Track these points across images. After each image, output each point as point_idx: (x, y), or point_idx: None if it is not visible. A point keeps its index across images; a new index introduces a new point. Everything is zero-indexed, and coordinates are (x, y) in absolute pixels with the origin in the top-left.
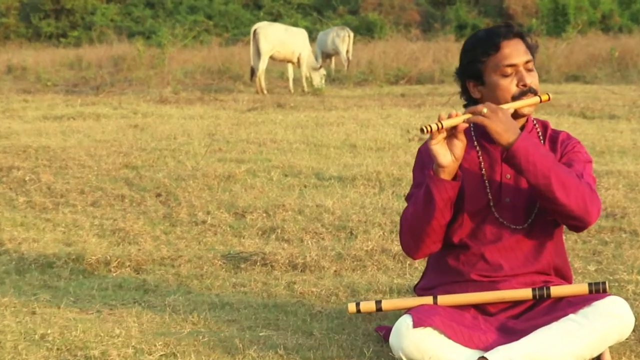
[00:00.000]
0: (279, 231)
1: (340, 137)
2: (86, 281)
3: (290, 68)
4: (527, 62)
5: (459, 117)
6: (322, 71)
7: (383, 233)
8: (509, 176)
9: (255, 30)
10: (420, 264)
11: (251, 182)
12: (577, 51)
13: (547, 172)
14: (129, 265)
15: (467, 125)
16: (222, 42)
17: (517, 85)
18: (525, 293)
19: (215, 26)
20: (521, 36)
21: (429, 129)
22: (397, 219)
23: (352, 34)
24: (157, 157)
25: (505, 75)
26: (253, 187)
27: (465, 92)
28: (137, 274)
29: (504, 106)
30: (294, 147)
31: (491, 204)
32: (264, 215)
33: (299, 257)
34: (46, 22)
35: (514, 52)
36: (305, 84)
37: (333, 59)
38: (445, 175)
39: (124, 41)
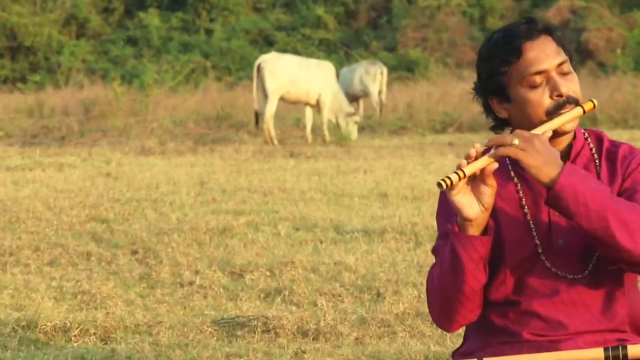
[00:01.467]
0: (286, 293)
1: (367, 185)
2: (39, 352)
3: (308, 112)
4: (561, 64)
5: (483, 159)
6: (356, 117)
7: (418, 294)
8: (558, 213)
9: (259, 65)
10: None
11: (252, 236)
12: None
13: (603, 211)
14: (94, 333)
15: (496, 166)
16: (222, 83)
17: (551, 97)
18: (596, 354)
19: (214, 68)
20: (549, 32)
21: (448, 182)
22: None
23: (385, 71)
24: (133, 209)
25: (534, 86)
26: (254, 243)
27: (489, 112)
28: (105, 343)
29: (538, 130)
30: (307, 197)
31: (539, 250)
32: (268, 274)
33: (310, 321)
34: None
35: (541, 54)
36: (326, 132)
37: (361, 102)
38: (473, 229)
39: (97, 82)
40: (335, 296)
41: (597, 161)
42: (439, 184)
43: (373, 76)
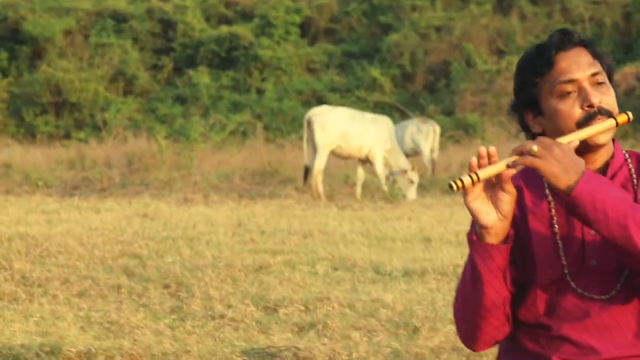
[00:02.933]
0: (320, 327)
1: (411, 230)
2: None
3: (360, 169)
4: (594, 74)
5: (499, 164)
6: (414, 176)
7: (455, 330)
8: (593, 232)
9: (309, 119)
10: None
11: (289, 274)
12: None
13: (623, 219)
14: None
15: (513, 171)
16: (270, 137)
17: (582, 107)
18: None
19: (266, 128)
20: (584, 44)
21: (460, 184)
22: None
23: (438, 129)
24: (168, 247)
25: (565, 96)
26: (291, 280)
27: (525, 128)
28: None
29: (564, 139)
30: (348, 239)
31: (566, 271)
32: (302, 309)
33: (342, 353)
34: (43, 120)
35: (573, 64)
36: (385, 188)
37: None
38: (492, 238)
39: (141, 136)
40: (370, 331)
41: (635, 181)
42: (450, 185)
43: (425, 134)
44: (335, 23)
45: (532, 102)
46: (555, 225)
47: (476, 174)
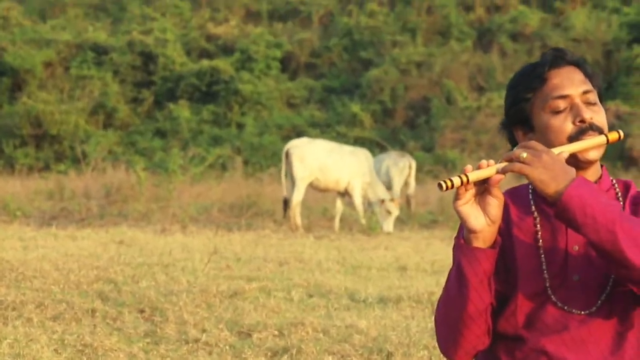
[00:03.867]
0: (294, 352)
1: (387, 259)
2: None
3: (338, 202)
4: (585, 92)
5: (489, 169)
6: (392, 207)
7: (430, 357)
8: (576, 247)
9: (288, 151)
10: None
11: (263, 300)
12: None
13: (611, 225)
14: None
15: (501, 177)
16: (250, 171)
17: (574, 123)
18: None
19: (245, 163)
20: (577, 63)
21: (449, 184)
22: None
23: (414, 164)
24: (143, 272)
25: (557, 112)
26: (265, 306)
27: (514, 146)
28: None
29: (556, 149)
30: (324, 267)
31: (548, 284)
32: (276, 334)
33: None
34: (23, 152)
35: (566, 80)
36: (363, 221)
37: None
38: (479, 242)
39: (120, 168)
40: (344, 356)
41: (621, 204)
42: (440, 185)
43: (401, 169)
44: (315, 58)
45: (523, 118)
46: (540, 240)
47: (466, 175)
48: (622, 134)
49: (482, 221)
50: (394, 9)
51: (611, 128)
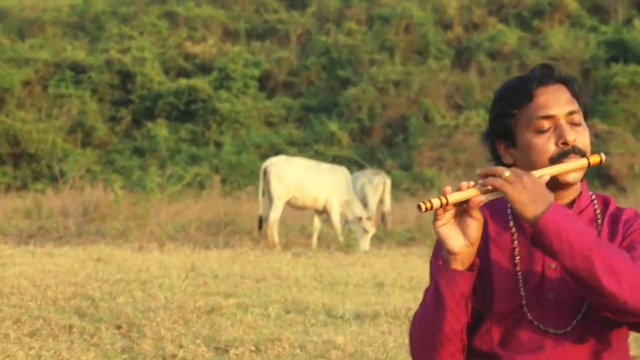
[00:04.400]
0: None
1: (364, 276)
2: None
3: (316, 219)
4: (571, 113)
5: (470, 190)
6: (369, 226)
7: None
8: (553, 265)
9: (266, 169)
10: None
11: (241, 316)
12: None
13: (588, 252)
14: None
15: (482, 198)
16: (227, 190)
17: (556, 144)
18: None
19: (223, 182)
20: (565, 81)
21: (428, 205)
22: None
23: (388, 181)
24: (121, 289)
25: (541, 131)
26: (242, 322)
27: (496, 157)
28: None
29: (537, 172)
30: (301, 284)
31: (524, 302)
32: (253, 349)
33: None
34: (0, 171)
35: (552, 100)
36: (341, 238)
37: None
38: (458, 264)
39: (98, 186)
40: None
41: (599, 221)
42: (419, 206)
43: (375, 186)
44: (294, 77)
45: (506, 132)
46: (517, 257)
47: (445, 197)
48: (603, 157)
49: (461, 243)
50: (371, 27)
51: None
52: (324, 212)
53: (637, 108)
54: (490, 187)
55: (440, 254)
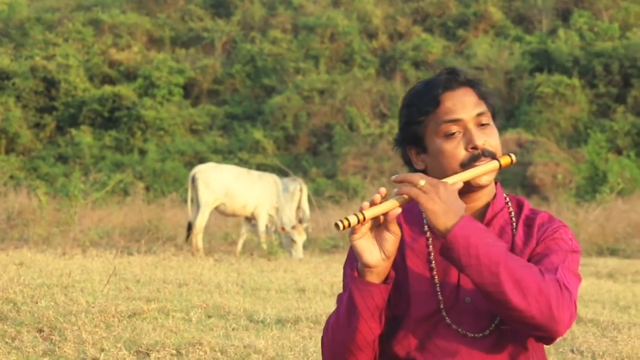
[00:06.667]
0: None
1: (285, 281)
2: None
3: (244, 226)
4: (479, 115)
5: (386, 203)
6: (295, 234)
7: None
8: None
9: (194, 176)
10: None
11: (162, 321)
12: (615, 217)
13: (495, 267)
14: None
15: (399, 211)
16: (151, 197)
17: (466, 149)
18: None
19: (147, 189)
20: (470, 84)
21: (346, 223)
22: None
23: (305, 188)
24: (43, 293)
25: (449, 136)
26: (164, 326)
27: (408, 163)
28: None
29: (450, 179)
30: (223, 289)
31: (441, 306)
32: (174, 353)
33: None
34: None
35: (458, 104)
36: (264, 246)
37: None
38: (373, 277)
39: (21, 192)
40: None
41: (514, 224)
42: (337, 225)
43: (292, 194)
44: (218, 84)
45: (416, 139)
46: (433, 261)
47: (362, 213)
48: (514, 158)
49: (377, 256)
50: (297, 36)
51: (514, 153)
52: (252, 220)
53: (561, 118)
54: (406, 197)
55: (355, 265)
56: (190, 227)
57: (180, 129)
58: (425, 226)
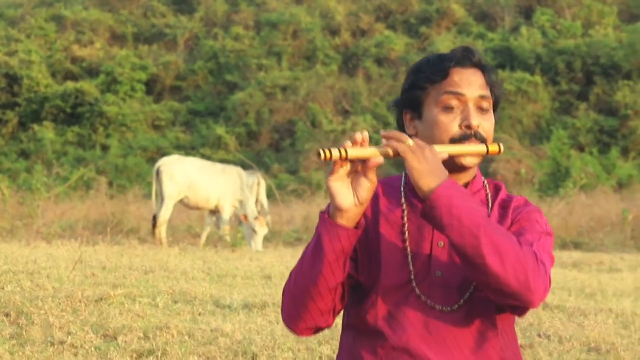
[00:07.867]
0: (159, 354)
1: (251, 269)
2: None
3: (208, 218)
4: (481, 97)
5: (371, 149)
6: (256, 225)
7: (295, 359)
8: (442, 243)
9: (158, 168)
10: None
11: (129, 306)
12: (579, 212)
13: (476, 229)
14: None
15: (380, 160)
16: (114, 193)
17: (460, 126)
18: None
19: (110, 185)
20: (482, 68)
21: (328, 154)
22: (315, 345)
23: (263, 181)
24: (9, 279)
25: (447, 109)
26: (130, 311)
27: (400, 126)
28: None
29: (437, 147)
30: (189, 275)
31: (412, 277)
32: (142, 336)
33: None
34: None
35: (465, 81)
36: (228, 239)
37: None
38: (343, 220)
39: None
40: (209, 358)
41: (489, 206)
42: (318, 153)
43: (250, 187)
44: (181, 81)
45: (415, 104)
46: (406, 232)
47: (345, 150)
48: (502, 147)
49: (351, 200)
50: (259, 32)
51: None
52: (216, 212)
53: (523, 115)
54: (390, 151)
55: (327, 210)
56: (155, 219)
57: (143, 125)
58: (402, 199)
